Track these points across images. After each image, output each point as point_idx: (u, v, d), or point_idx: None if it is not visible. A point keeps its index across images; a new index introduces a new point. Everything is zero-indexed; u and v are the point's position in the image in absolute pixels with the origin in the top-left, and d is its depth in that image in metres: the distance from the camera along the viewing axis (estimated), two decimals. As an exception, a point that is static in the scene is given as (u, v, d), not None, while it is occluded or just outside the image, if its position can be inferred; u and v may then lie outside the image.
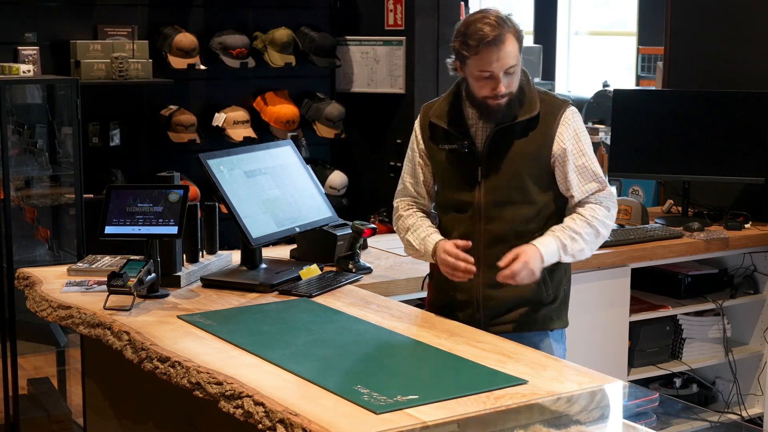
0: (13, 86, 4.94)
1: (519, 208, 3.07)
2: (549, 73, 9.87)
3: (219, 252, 3.57)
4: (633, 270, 4.20)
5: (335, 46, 6.01)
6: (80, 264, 3.49)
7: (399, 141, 5.96)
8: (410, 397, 2.33)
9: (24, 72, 4.87)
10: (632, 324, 4.29)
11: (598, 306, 4.09)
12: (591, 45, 10.42)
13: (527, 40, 7.46)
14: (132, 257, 3.20)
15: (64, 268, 3.49)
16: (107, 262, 3.48)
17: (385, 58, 5.97)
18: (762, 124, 4.51)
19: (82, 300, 3.14)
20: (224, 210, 3.36)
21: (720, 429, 3.46)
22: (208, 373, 2.49)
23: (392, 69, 5.95)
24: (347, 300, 3.18)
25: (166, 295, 3.17)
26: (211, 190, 3.40)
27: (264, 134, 5.79)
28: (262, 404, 2.31)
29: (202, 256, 3.49)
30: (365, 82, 6.08)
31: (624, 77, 9.38)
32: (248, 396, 2.36)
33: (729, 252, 4.45)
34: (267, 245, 3.45)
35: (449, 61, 3.07)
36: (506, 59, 2.94)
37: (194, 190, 5.35)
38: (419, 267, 3.50)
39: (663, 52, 5.17)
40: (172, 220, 3.12)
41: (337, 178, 6.00)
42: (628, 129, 4.64)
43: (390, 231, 5.43)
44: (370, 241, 3.92)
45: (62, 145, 5.10)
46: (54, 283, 3.34)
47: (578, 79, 10.25)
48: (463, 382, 2.47)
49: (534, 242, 3.00)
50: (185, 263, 3.39)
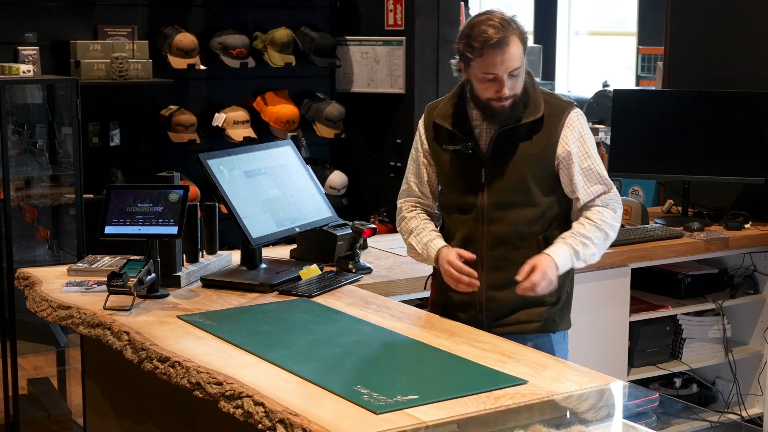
0: (13, 86, 4.94)
1: (522, 210, 3.06)
2: (549, 73, 9.86)
3: (219, 252, 3.57)
4: (633, 270, 4.20)
5: (335, 46, 6.01)
6: (80, 264, 3.49)
7: (399, 141, 5.96)
8: (410, 397, 2.33)
9: (24, 72, 4.87)
10: (632, 324, 4.29)
11: (598, 306, 4.09)
12: (591, 45, 10.40)
13: (527, 40, 7.40)
14: (132, 257, 3.20)
15: (64, 268, 3.49)
16: (107, 262, 3.48)
17: (385, 58, 5.96)
18: (762, 124, 4.51)
19: (82, 300, 3.14)
20: (224, 210, 3.36)
21: (720, 429, 3.46)
22: (208, 373, 2.49)
23: (392, 69, 5.94)
24: (347, 300, 3.18)
25: (166, 295, 3.17)
26: (211, 190, 3.39)
27: (264, 134, 5.79)
28: (262, 404, 2.31)
29: (202, 256, 3.49)
30: (365, 82, 6.08)
31: (624, 77, 9.37)
32: (248, 396, 2.36)
33: (729, 252, 4.45)
34: (267, 245, 3.45)
35: (453, 62, 3.05)
36: (510, 62, 2.93)
37: (194, 190, 5.35)
38: (419, 267, 3.50)
39: (663, 52, 5.17)
40: (172, 220, 3.12)
41: (337, 178, 6.00)
42: (628, 129, 4.64)
43: (390, 231, 5.44)
44: (370, 241, 3.92)
45: (62, 145, 5.10)
46: (54, 283, 3.34)
47: (578, 79, 10.24)
48: (463, 382, 2.47)
49: (547, 251, 2.98)
50: (185, 263, 3.39)
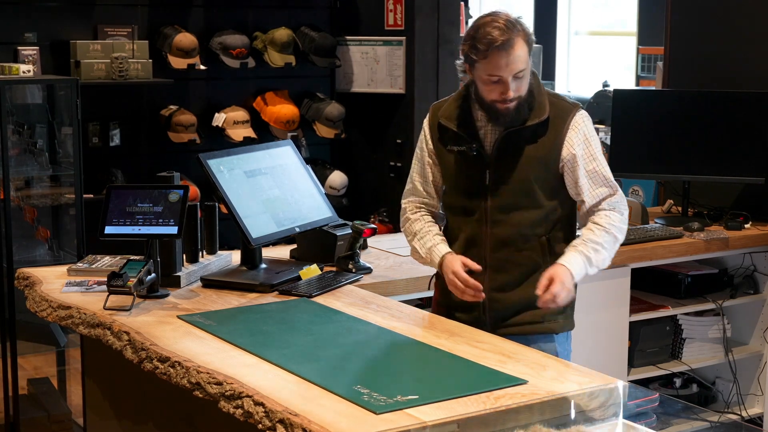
0: (13, 86, 4.94)
1: (526, 213, 3.05)
2: (549, 74, 9.85)
3: (219, 252, 3.57)
4: (633, 270, 4.20)
5: (335, 46, 6.01)
6: (80, 264, 3.49)
7: (399, 141, 5.96)
8: (410, 397, 2.33)
9: (24, 72, 4.87)
10: (632, 324, 4.29)
11: (598, 306, 4.09)
12: (591, 45, 10.39)
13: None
14: (132, 257, 3.20)
15: (64, 268, 3.49)
16: (107, 262, 3.48)
17: (385, 58, 5.96)
18: (762, 124, 4.51)
19: (82, 300, 3.14)
20: (224, 210, 3.36)
21: (720, 429, 3.46)
22: (208, 373, 2.49)
23: (392, 69, 5.94)
24: (347, 300, 3.18)
25: (166, 295, 3.17)
26: (211, 190, 3.39)
27: (264, 134, 5.79)
28: (262, 404, 2.31)
29: (202, 256, 3.49)
30: (365, 82, 6.08)
31: (624, 77, 9.36)
32: (248, 396, 2.36)
33: (729, 252, 4.45)
34: (267, 245, 3.45)
35: (458, 63, 3.04)
36: (515, 64, 2.91)
37: (194, 190, 5.35)
38: (419, 267, 3.50)
39: (663, 52, 5.17)
40: (172, 220, 3.12)
41: (337, 178, 6.00)
42: (628, 129, 4.64)
43: (390, 231, 5.44)
44: (370, 241, 3.92)
45: (62, 145, 5.10)
46: (54, 283, 3.34)
47: (578, 79, 10.23)
48: (463, 382, 2.47)
49: (561, 262, 2.97)
50: (185, 263, 3.39)
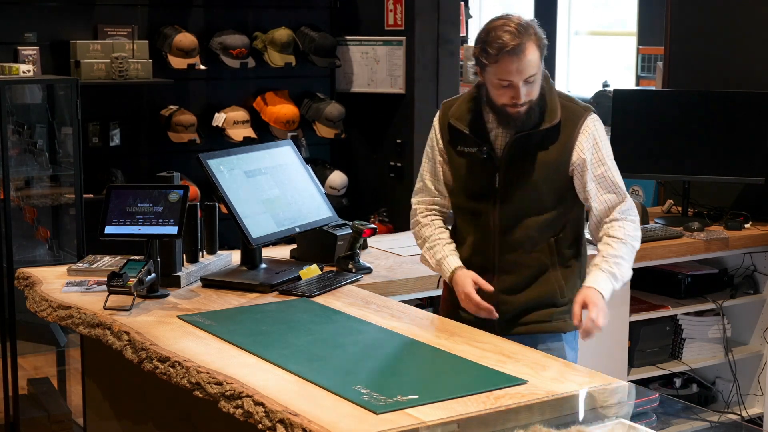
0: (13, 86, 4.94)
1: (535, 216, 3.03)
2: (549, 73, 9.86)
3: (219, 252, 3.57)
4: (633, 270, 4.18)
5: (335, 46, 6.00)
6: (80, 264, 3.49)
7: (399, 141, 5.96)
8: (410, 397, 2.33)
9: (24, 72, 4.87)
10: (632, 324, 4.29)
11: (598, 306, 4.08)
12: (591, 45, 10.39)
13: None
14: (132, 257, 3.20)
15: (64, 268, 3.49)
16: (107, 262, 3.48)
17: (385, 58, 5.96)
18: (762, 124, 4.51)
19: (82, 300, 3.14)
20: (224, 210, 3.36)
21: (720, 429, 3.45)
22: (208, 373, 2.49)
23: (392, 69, 5.94)
24: (347, 300, 3.18)
25: (166, 295, 3.17)
26: (211, 190, 3.40)
27: (264, 134, 5.78)
28: (262, 404, 2.31)
29: (202, 256, 3.49)
30: (365, 82, 6.08)
31: (624, 77, 9.36)
32: (248, 396, 2.36)
33: (729, 252, 4.45)
34: (267, 245, 3.45)
35: (470, 65, 3.03)
36: (526, 69, 2.89)
37: (194, 190, 5.35)
38: (419, 267, 3.49)
39: (663, 52, 5.17)
40: (172, 220, 3.12)
41: (337, 178, 6.00)
42: (628, 129, 4.64)
43: (390, 231, 5.44)
44: (370, 241, 3.92)
45: (62, 145, 5.10)
46: (54, 283, 3.34)
47: (578, 79, 10.22)
48: (463, 382, 2.47)
49: (588, 284, 2.94)
50: (185, 263, 3.39)
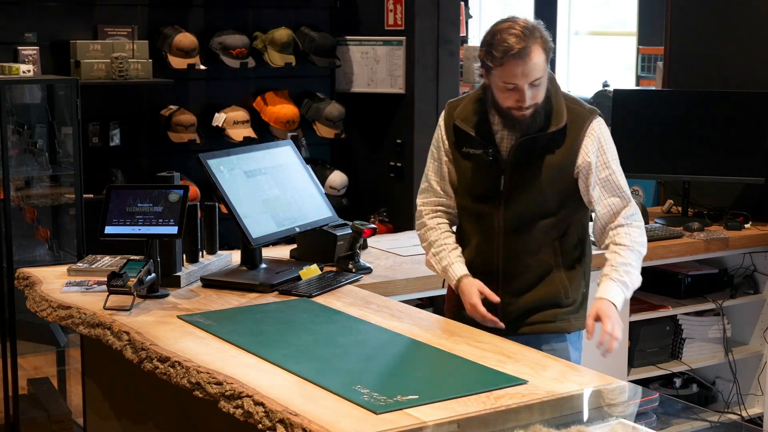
0: (13, 86, 4.94)
1: (540, 219, 3.02)
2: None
3: (219, 252, 3.57)
4: (633, 270, 4.19)
5: (335, 46, 6.01)
6: (80, 264, 3.49)
7: (399, 141, 5.96)
8: (410, 397, 2.33)
9: (24, 72, 4.87)
10: (632, 324, 4.29)
11: (598, 306, 4.08)
12: (591, 45, 10.39)
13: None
14: (132, 257, 3.20)
15: (64, 268, 3.49)
16: (107, 262, 3.48)
17: (385, 58, 5.96)
18: (762, 124, 4.51)
19: (82, 300, 3.14)
20: (224, 210, 3.36)
21: (720, 429, 3.45)
22: (208, 373, 2.49)
23: (392, 69, 5.94)
24: (347, 300, 3.18)
25: (166, 295, 3.17)
26: (211, 190, 3.39)
27: (264, 134, 5.79)
28: (262, 404, 2.31)
29: (202, 256, 3.49)
30: (365, 82, 6.08)
31: (624, 77, 9.35)
32: (248, 396, 2.36)
33: (729, 252, 4.44)
34: (267, 245, 3.45)
35: (476, 67, 3.01)
36: (532, 72, 2.86)
37: (194, 190, 5.35)
38: (419, 267, 3.50)
39: (663, 52, 5.17)
40: (172, 220, 3.12)
41: (337, 178, 6.00)
42: (628, 129, 4.63)
43: (390, 231, 5.44)
44: (370, 241, 3.92)
45: (62, 145, 5.10)
46: (54, 283, 3.33)
47: (578, 79, 10.22)
48: (463, 382, 2.47)
49: (601, 296, 2.92)
50: (185, 263, 3.39)
